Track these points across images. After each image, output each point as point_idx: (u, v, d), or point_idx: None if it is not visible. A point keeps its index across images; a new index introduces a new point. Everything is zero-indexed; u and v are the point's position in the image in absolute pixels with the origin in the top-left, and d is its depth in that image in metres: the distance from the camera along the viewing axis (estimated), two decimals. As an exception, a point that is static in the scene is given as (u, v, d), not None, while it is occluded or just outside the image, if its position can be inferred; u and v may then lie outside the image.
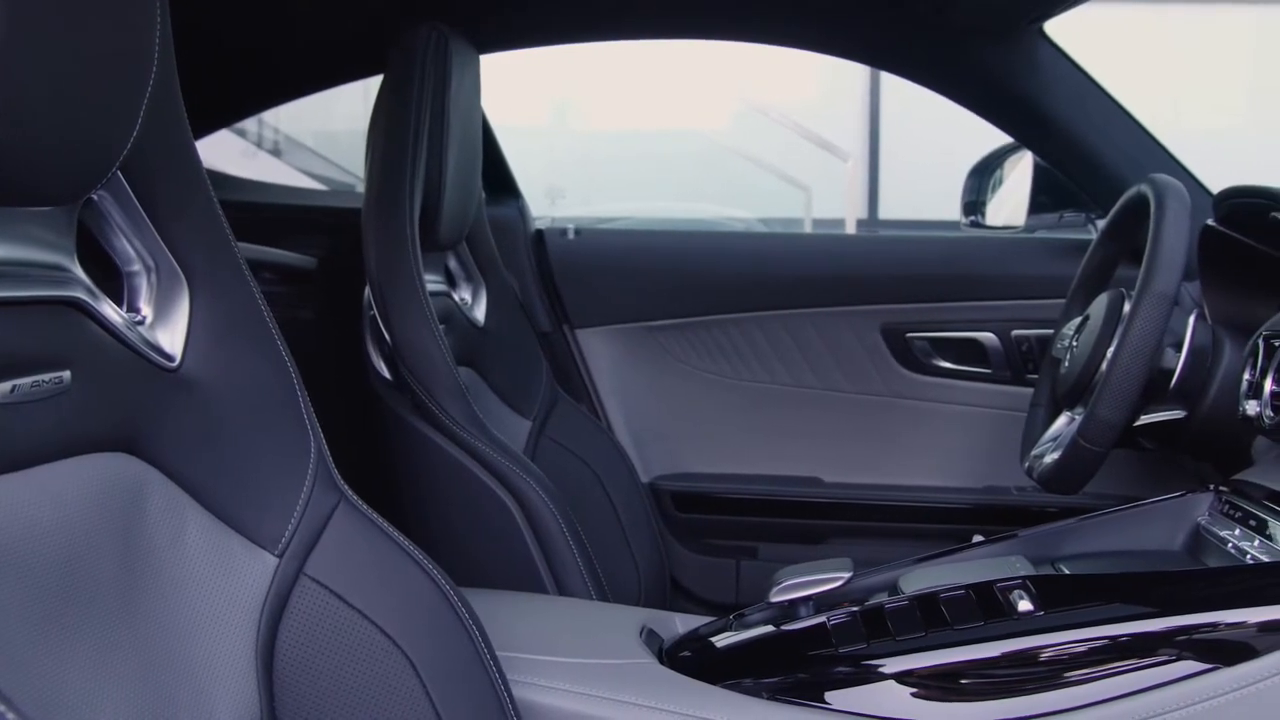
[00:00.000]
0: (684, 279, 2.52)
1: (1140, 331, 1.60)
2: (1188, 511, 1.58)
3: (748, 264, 2.55)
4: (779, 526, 2.48)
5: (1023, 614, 1.24)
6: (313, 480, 1.06)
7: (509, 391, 2.09)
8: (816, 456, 2.49)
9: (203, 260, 1.01)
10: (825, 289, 2.48)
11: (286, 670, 1.02)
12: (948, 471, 2.45)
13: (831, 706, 1.24)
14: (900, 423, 2.48)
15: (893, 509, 2.44)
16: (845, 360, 2.48)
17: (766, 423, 2.52)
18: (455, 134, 1.87)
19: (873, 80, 7.37)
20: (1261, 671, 1.16)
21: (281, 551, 1.02)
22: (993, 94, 2.26)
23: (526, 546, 1.74)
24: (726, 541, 2.51)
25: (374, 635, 1.05)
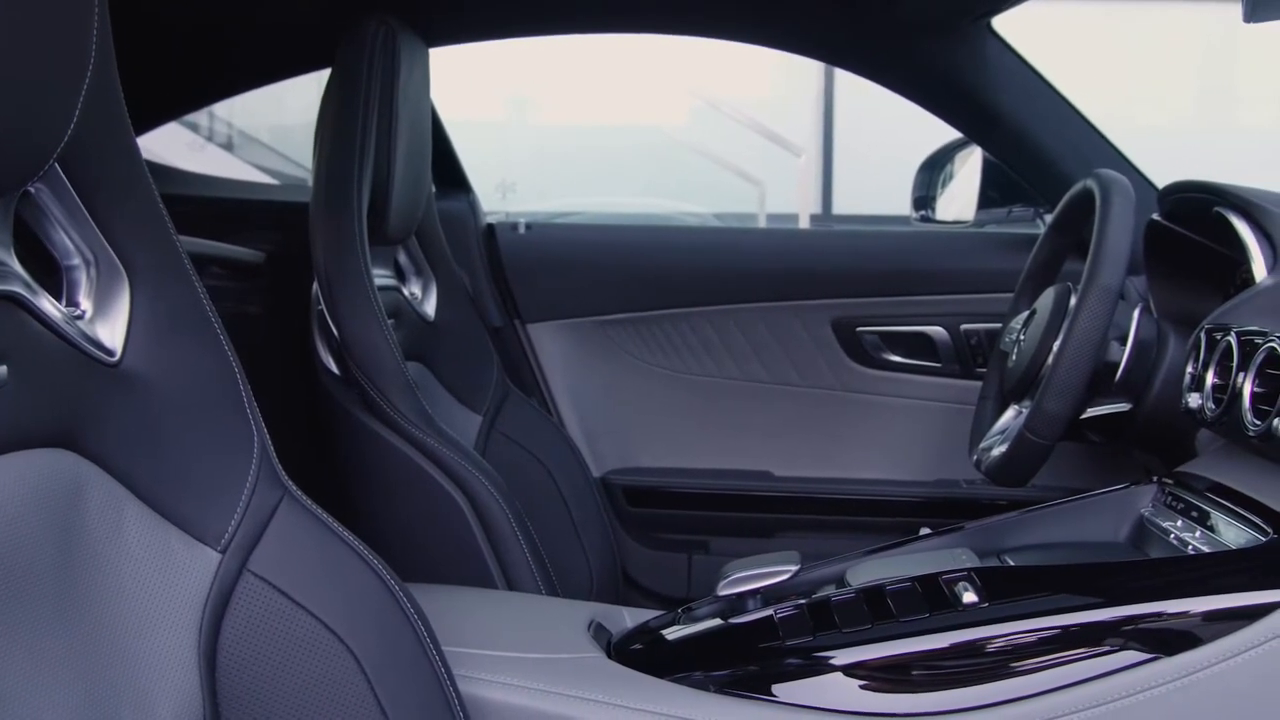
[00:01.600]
0: (635, 274, 2.52)
1: (1085, 325, 1.61)
2: (1131, 503, 1.60)
3: (699, 259, 2.56)
4: (730, 520, 2.48)
5: (967, 605, 1.24)
6: (256, 476, 1.05)
7: (459, 386, 2.08)
8: (767, 450, 2.50)
9: (144, 254, 1.00)
10: (776, 283, 2.49)
11: (230, 667, 1.01)
12: (898, 465, 2.47)
13: (778, 699, 1.24)
14: (851, 416, 2.49)
15: (843, 502, 2.45)
16: (796, 354, 2.49)
17: (718, 417, 2.52)
18: (404, 128, 1.86)
19: (827, 76, 7.40)
20: (1202, 661, 1.17)
21: (224, 547, 1.01)
22: (941, 89, 2.27)
23: (475, 542, 1.73)
24: (678, 536, 2.51)
25: (318, 631, 1.04)
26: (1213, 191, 1.75)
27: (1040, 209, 2.34)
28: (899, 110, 2.37)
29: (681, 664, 1.31)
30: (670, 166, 7.38)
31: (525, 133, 7.88)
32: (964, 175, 2.48)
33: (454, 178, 2.54)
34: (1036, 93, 2.24)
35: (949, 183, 2.54)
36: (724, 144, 6.87)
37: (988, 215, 2.41)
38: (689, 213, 6.69)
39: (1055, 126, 2.24)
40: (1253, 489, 1.39)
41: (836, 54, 2.41)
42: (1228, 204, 1.71)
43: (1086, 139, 2.24)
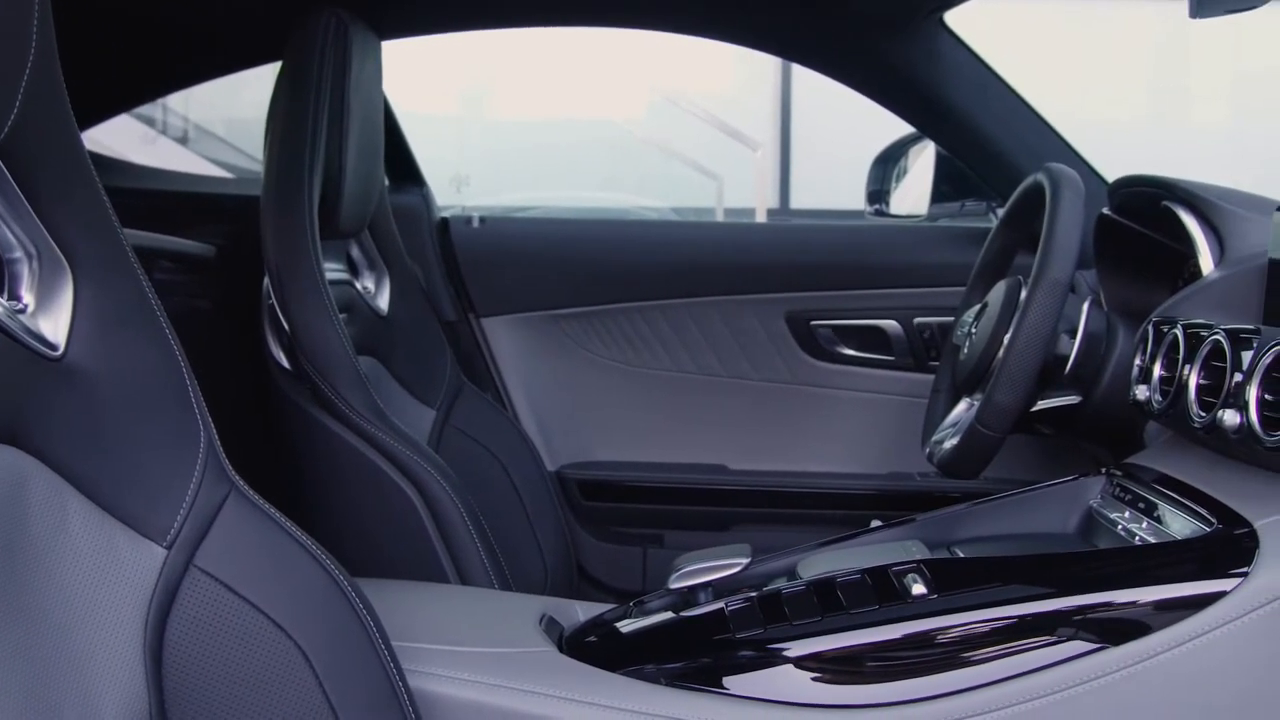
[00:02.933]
0: (590, 268, 2.52)
1: (1035, 318, 1.62)
2: (1080, 495, 1.61)
3: (654, 253, 2.56)
4: (685, 514, 2.48)
5: (917, 597, 1.25)
6: (202, 471, 1.04)
7: (413, 381, 2.08)
8: (722, 444, 2.51)
9: (87, 247, 0.99)
10: (730, 277, 2.49)
11: (176, 664, 1.00)
12: (852, 458, 2.48)
13: (729, 692, 1.24)
14: (805, 410, 2.50)
15: (798, 495, 2.46)
16: (750, 348, 2.49)
17: (672, 410, 2.52)
18: (356, 121, 1.85)
19: (784, 71, 7.41)
20: (1148, 650, 1.18)
21: (170, 543, 1.01)
22: (894, 84, 2.28)
23: (428, 536, 1.73)
24: (633, 529, 2.51)
25: (265, 626, 1.04)
26: (1161, 185, 1.77)
27: (993, 203, 2.36)
28: (857, 105, 2.38)
29: (633, 657, 1.31)
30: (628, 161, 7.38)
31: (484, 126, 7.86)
32: (918, 169, 2.50)
33: (407, 171, 2.53)
34: (988, 87, 2.25)
35: (903, 177, 2.56)
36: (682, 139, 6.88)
37: (941, 209, 2.42)
38: (647, 207, 6.70)
39: (1007, 121, 2.25)
40: (1198, 480, 1.40)
41: (791, 48, 2.42)
42: (1175, 198, 1.72)
43: (1038, 133, 2.25)
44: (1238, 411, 1.30)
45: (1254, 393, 1.28)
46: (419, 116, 6.59)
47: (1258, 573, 1.18)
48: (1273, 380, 1.27)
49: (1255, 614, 1.17)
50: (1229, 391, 1.32)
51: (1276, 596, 1.16)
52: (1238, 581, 1.18)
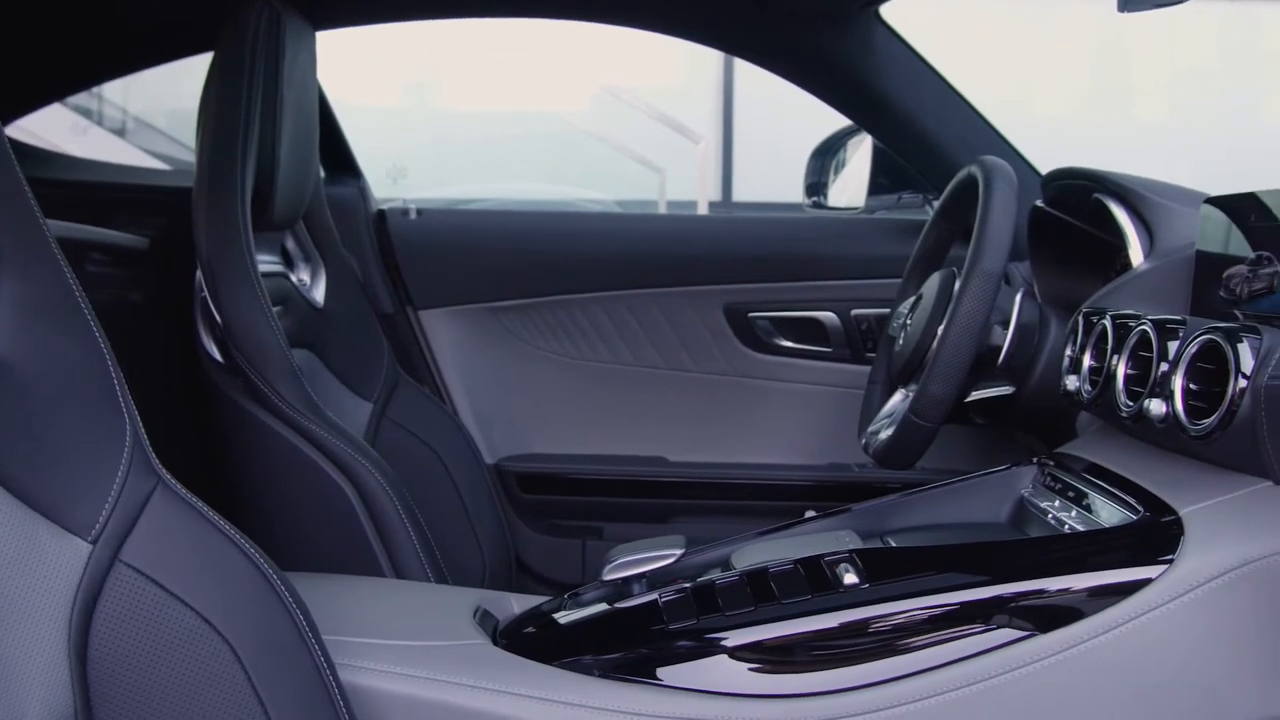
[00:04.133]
0: (528, 260, 2.51)
1: (968, 309, 1.63)
2: (1012, 484, 1.62)
3: (591, 244, 2.55)
4: (625, 506, 2.49)
5: (848, 587, 1.26)
6: (128, 465, 1.03)
7: (349, 374, 2.06)
8: (661, 436, 2.51)
9: (8, 240, 0.98)
10: (668, 269, 2.49)
11: (102, 661, 0.99)
12: (791, 449, 2.49)
13: (664, 682, 1.25)
14: (744, 401, 2.51)
15: (737, 487, 2.47)
16: (689, 340, 2.50)
17: (611, 403, 2.52)
18: (289, 112, 1.84)
19: (727, 64, 7.42)
20: (1075, 637, 1.20)
21: (95, 538, 1.00)
22: (830, 77, 2.29)
23: (362, 530, 1.72)
24: (572, 522, 2.51)
25: (194, 621, 1.03)
26: (1092, 178, 1.79)
27: (929, 195, 2.37)
28: (800, 98, 2.38)
29: (567, 649, 1.31)
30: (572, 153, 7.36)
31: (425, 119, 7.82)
32: (855, 162, 2.51)
33: (343, 163, 2.51)
34: (923, 81, 2.26)
35: (841, 169, 2.57)
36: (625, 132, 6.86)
37: (878, 201, 2.43)
38: (590, 199, 6.68)
39: (942, 114, 2.27)
40: (1127, 469, 1.42)
41: (728, 41, 2.42)
42: (1106, 190, 1.74)
43: (972, 126, 2.27)
44: (1164, 401, 1.31)
45: (1179, 382, 1.30)
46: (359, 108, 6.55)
47: (1183, 559, 1.20)
48: (1198, 370, 1.29)
49: (1180, 600, 1.19)
50: (1155, 381, 1.34)
51: (1201, 582, 1.18)
52: (1163, 568, 1.20)
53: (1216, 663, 1.20)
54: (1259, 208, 1.40)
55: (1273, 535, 1.17)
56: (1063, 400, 1.62)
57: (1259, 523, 1.19)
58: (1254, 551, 1.17)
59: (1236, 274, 1.39)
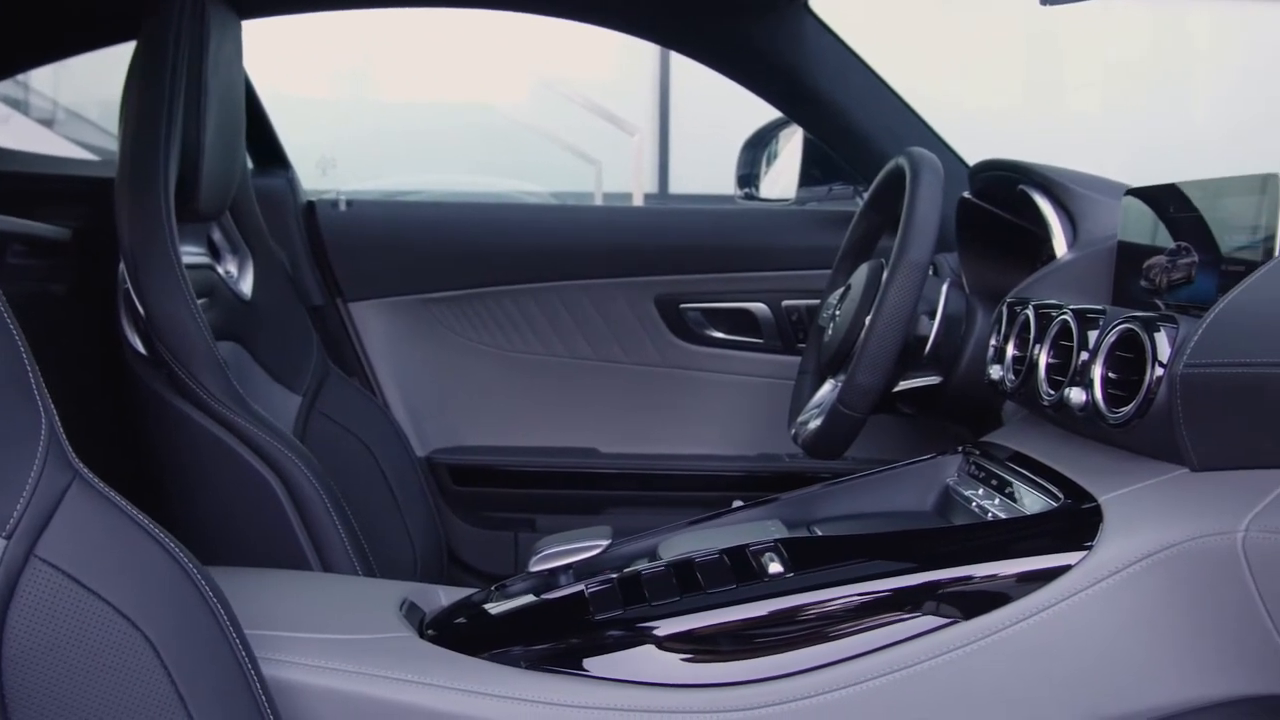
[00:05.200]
0: (459, 251, 2.50)
1: (894, 300, 1.64)
2: (937, 473, 1.64)
3: (522, 236, 2.55)
4: (557, 498, 2.48)
5: (773, 576, 1.26)
6: (43, 459, 1.02)
7: (277, 366, 2.05)
8: (593, 427, 2.51)
9: None
10: (600, 260, 2.49)
11: (17, 659, 0.97)
12: (723, 440, 2.49)
13: (590, 673, 1.25)
14: (675, 392, 2.51)
15: (669, 478, 2.47)
16: (620, 331, 2.50)
17: (543, 394, 2.52)
18: (214, 101, 1.82)
19: (663, 56, 7.42)
20: (997, 623, 1.21)
21: (9, 533, 0.98)
22: (760, 68, 2.30)
23: (289, 523, 1.71)
24: (504, 514, 2.50)
25: (111, 617, 1.01)
26: (1018, 170, 1.80)
27: (859, 187, 2.38)
28: (736, 90, 2.39)
29: (494, 641, 1.30)
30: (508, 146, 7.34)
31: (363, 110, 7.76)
32: (787, 154, 2.52)
33: (272, 154, 2.49)
34: (853, 73, 2.27)
35: (773, 161, 2.58)
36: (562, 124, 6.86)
37: (809, 193, 2.45)
38: (527, 191, 6.66)
39: (871, 106, 2.28)
40: (1049, 457, 1.43)
41: (658, 32, 2.42)
42: (1031, 182, 1.75)
43: (901, 118, 2.28)
44: (1084, 390, 1.33)
45: (1098, 371, 1.31)
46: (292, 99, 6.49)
47: (1101, 546, 1.21)
48: (1117, 359, 1.31)
49: (1099, 586, 1.20)
50: (1076, 370, 1.35)
51: (1119, 568, 1.19)
52: (1082, 555, 1.21)
53: (1136, 647, 1.21)
54: (1179, 199, 1.41)
55: (1189, 521, 1.18)
56: (988, 390, 1.63)
57: (1175, 509, 1.21)
58: (1170, 537, 1.18)
59: (1156, 264, 1.41)
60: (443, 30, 6.51)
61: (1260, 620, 1.14)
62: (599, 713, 1.21)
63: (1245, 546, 1.13)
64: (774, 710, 1.21)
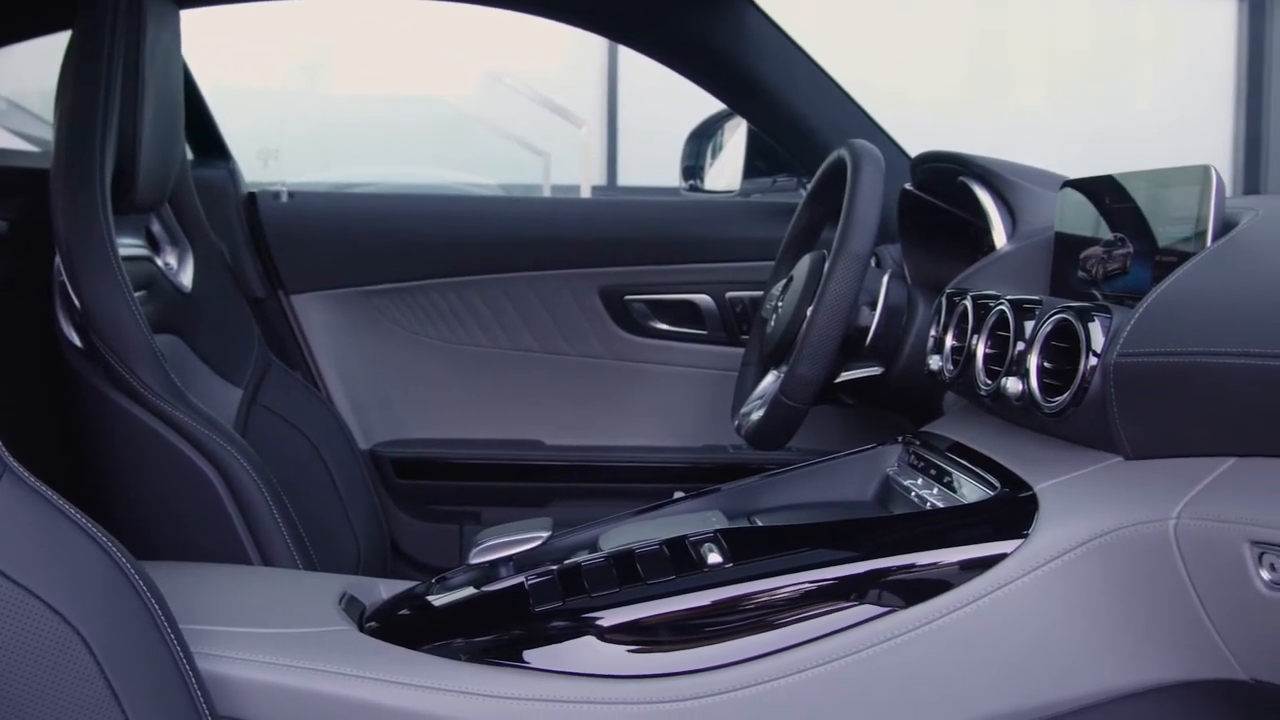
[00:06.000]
0: (402, 243, 2.49)
1: (835, 291, 1.65)
2: (878, 463, 1.65)
3: (467, 228, 2.54)
4: (502, 490, 2.48)
5: (712, 566, 1.26)
6: None
7: (218, 359, 2.03)
8: (538, 420, 2.51)
9: None
10: (544, 252, 2.49)
11: None
12: (668, 431, 2.50)
13: (530, 665, 1.24)
14: (620, 384, 2.51)
15: (615, 470, 2.47)
16: (564, 323, 2.50)
17: (487, 387, 2.51)
18: (151, 92, 1.80)
19: (611, 49, 7.42)
20: (934, 612, 1.22)
21: None
22: (703, 60, 2.30)
23: (229, 518, 1.69)
24: (449, 507, 2.50)
25: (43, 613, 1.00)
26: (958, 161, 1.81)
27: (803, 178, 2.39)
28: (686, 83, 2.39)
29: (434, 634, 1.30)
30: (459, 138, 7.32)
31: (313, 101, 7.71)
32: (732, 146, 2.52)
33: (212, 144, 2.47)
34: (796, 65, 2.28)
35: (719, 153, 2.58)
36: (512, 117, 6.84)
37: (753, 185, 2.45)
38: (475, 184, 6.65)
39: (814, 98, 2.29)
40: (987, 446, 1.44)
41: (601, 24, 2.41)
42: (971, 173, 1.77)
43: (844, 110, 2.29)
44: (1020, 379, 1.34)
45: (1034, 361, 1.32)
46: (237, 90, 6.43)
47: (1037, 534, 1.22)
48: (1052, 349, 1.32)
49: (1035, 573, 1.21)
50: (1012, 360, 1.37)
51: (1054, 556, 1.21)
52: (1018, 543, 1.22)
53: (1072, 634, 1.22)
54: (1115, 190, 1.43)
55: (1122, 509, 1.19)
56: (928, 380, 1.64)
57: (1109, 497, 1.22)
58: (1104, 525, 1.19)
59: (1093, 255, 1.42)
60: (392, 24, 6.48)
61: (1192, 606, 1.15)
62: (539, 704, 1.21)
63: (1177, 534, 1.14)
64: (714, 700, 1.21)
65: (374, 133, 7.33)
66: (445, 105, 7.33)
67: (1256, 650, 1.13)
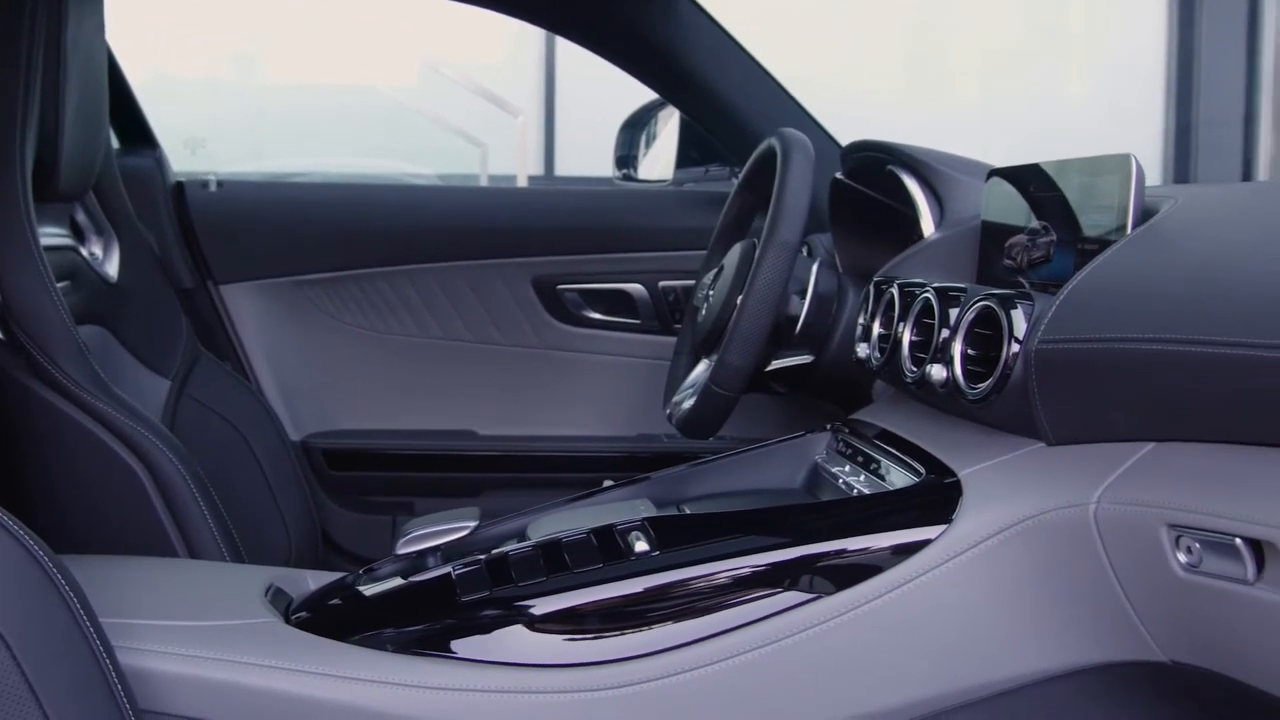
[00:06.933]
0: (333, 233, 2.47)
1: (764, 279, 1.65)
2: (807, 451, 1.65)
3: (398, 217, 2.52)
4: (435, 481, 2.47)
5: (639, 554, 1.26)
6: None
7: (145, 350, 2.01)
8: (471, 410, 2.50)
9: None
10: (476, 241, 2.48)
11: None
12: (602, 421, 2.50)
13: (458, 655, 1.24)
14: (553, 374, 2.51)
15: (548, 459, 2.47)
16: (497, 313, 2.49)
17: (420, 377, 2.50)
18: (74, 79, 1.77)
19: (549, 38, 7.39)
20: (860, 598, 1.22)
21: None
22: (635, 49, 2.29)
23: (155, 511, 1.67)
24: (382, 498, 2.48)
25: None
26: (887, 150, 1.82)
27: (735, 168, 2.39)
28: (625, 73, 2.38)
29: (361, 625, 1.29)
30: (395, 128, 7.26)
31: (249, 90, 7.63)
32: (665, 135, 2.52)
33: (138, 133, 2.44)
34: (727, 54, 2.28)
35: (652, 143, 2.58)
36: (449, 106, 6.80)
37: (686, 174, 2.45)
38: (413, 174, 6.61)
39: (746, 88, 2.29)
40: (913, 433, 1.45)
41: (534, 12, 2.40)
42: (899, 162, 1.77)
43: (775, 99, 2.30)
44: (944, 366, 1.35)
45: (958, 348, 1.33)
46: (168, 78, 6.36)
47: (961, 520, 1.23)
48: (976, 336, 1.33)
49: (959, 559, 1.22)
50: (937, 347, 1.38)
51: (977, 541, 1.22)
52: (943, 528, 1.23)
53: (996, 618, 1.23)
54: (1040, 179, 1.44)
55: (1044, 494, 1.20)
56: (857, 368, 1.65)
57: (1032, 482, 1.23)
58: (1026, 510, 1.20)
59: (1018, 243, 1.43)
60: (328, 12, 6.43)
61: (1112, 589, 1.17)
62: (466, 694, 1.20)
63: (1097, 518, 1.15)
64: (641, 688, 1.21)
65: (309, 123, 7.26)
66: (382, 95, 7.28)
67: (1174, 632, 1.14)
